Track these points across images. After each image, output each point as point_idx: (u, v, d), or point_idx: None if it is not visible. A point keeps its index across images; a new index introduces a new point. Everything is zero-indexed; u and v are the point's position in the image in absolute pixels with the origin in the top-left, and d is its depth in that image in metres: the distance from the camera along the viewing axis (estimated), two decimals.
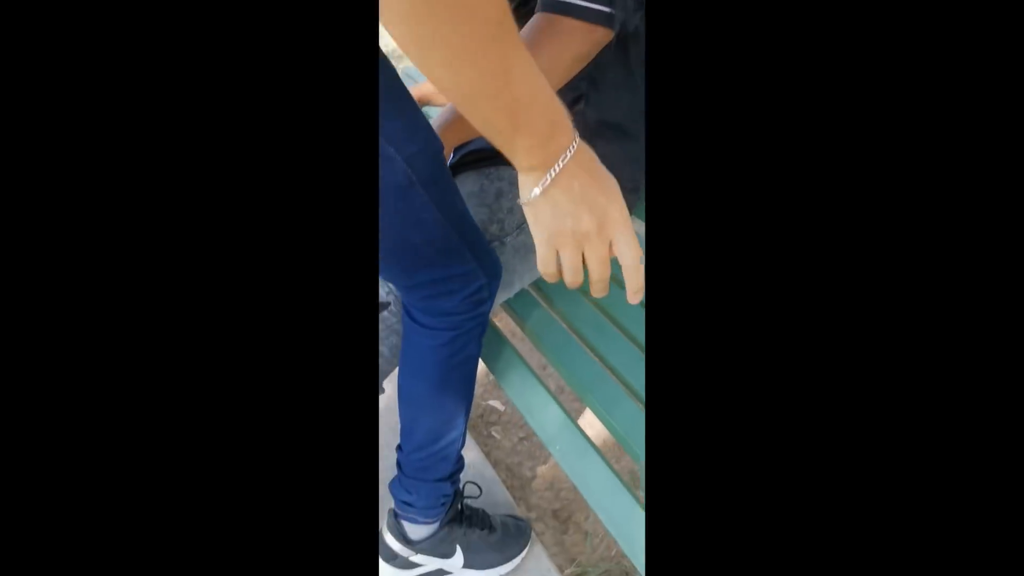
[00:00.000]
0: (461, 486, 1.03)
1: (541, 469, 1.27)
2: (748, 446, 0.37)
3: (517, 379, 0.94)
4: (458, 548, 0.99)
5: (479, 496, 1.08)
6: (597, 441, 0.89)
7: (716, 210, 0.38)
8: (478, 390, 1.43)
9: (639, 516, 0.79)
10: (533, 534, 1.08)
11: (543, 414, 0.88)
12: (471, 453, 1.23)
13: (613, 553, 1.12)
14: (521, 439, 1.33)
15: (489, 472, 1.20)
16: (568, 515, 1.19)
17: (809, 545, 0.36)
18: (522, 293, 1.03)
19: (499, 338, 1.01)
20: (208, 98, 0.36)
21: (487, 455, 1.25)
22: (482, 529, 1.01)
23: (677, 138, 0.38)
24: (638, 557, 0.76)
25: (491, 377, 1.45)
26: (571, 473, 0.84)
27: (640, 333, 0.96)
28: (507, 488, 1.18)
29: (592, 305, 1.01)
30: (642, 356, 0.92)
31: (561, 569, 1.07)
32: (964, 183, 0.35)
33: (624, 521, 0.79)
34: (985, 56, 0.34)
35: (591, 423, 1.39)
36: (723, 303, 0.38)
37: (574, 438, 0.84)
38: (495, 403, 1.40)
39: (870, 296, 0.36)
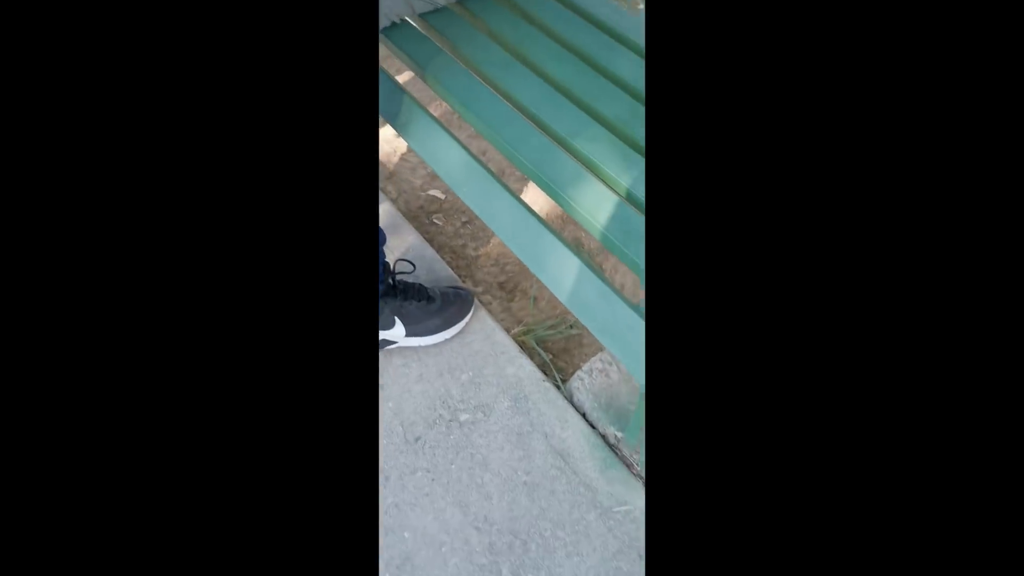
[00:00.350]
0: (391, 263, 1.02)
1: (485, 248, 1.26)
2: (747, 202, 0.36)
3: (418, 127, 0.88)
4: (396, 320, 1.01)
5: (413, 271, 1.07)
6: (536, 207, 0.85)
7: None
8: (416, 181, 1.37)
9: (548, 243, 0.77)
10: (478, 301, 1.10)
11: (447, 158, 0.83)
12: (410, 238, 1.21)
13: (558, 311, 1.15)
14: (464, 223, 1.30)
15: (429, 252, 1.19)
16: (514, 285, 1.21)
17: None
18: (421, 40, 0.92)
19: (397, 89, 0.92)
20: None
21: (430, 241, 1.23)
22: (419, 300, 1.01)
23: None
24: (563, 294, 0.76)
25: (429, 168, 1.39)
26: (480, 212, 0.81)
27: (551, 70, 0.87)
28: (453, 268, 1.18)
29: (500, 47, 0.91)
30: (553, 92, 0.85)
31: (508, 330, 1.10)
32: (963, 183, 0.35)
33: (526, 243, 0.77)
34: (985, 56, 0.34)
35: (534, 200, 1.35)
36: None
37: (480, 176, 0.80)
38: (435, 192, 1.35)
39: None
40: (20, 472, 0.35)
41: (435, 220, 1.31)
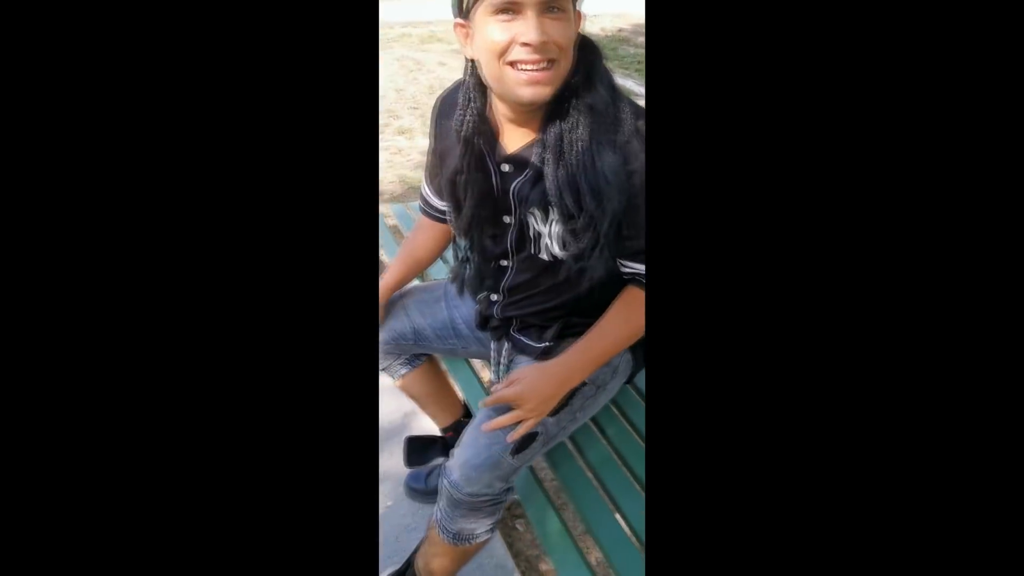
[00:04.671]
0: None
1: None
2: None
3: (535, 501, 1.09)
4: None
5: None
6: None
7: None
8: None
9: None
10: None
11: (547, 525, 1.01)
12: (494, 544, 1.33)
13: None
14: None
15: (510, 564, 1.30)
16: None
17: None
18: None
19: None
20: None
21: (510, 546, 1.35)
22: None
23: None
24: None
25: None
26: None
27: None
28: None
29: (607, 446, 1.14)
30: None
31: None
32: (959, 184, 0.33)
33: None
34: (985, 56, 0.32)
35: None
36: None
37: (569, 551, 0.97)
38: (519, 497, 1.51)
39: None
40: (20, 472, 0.33)
41: (517, 525, 1.45)
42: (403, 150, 3.52)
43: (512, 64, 0.78)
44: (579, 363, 0.94)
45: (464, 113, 0.90)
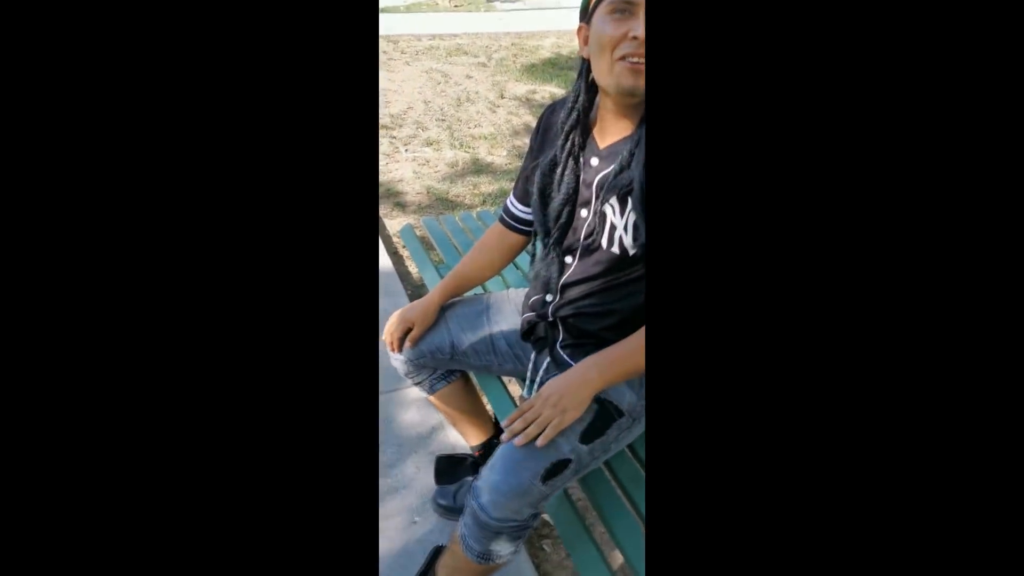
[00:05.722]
0: None
1: None
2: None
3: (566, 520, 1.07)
4: None
5: None
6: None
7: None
8: None
9: None
10: None
11: (577, 543, 1.00)
12: (522, 565, 1.31)
13: None
14: (568, 555, 1.40)
15: None
16: None
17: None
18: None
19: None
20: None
21: (537, 567, 1.33)
22: None
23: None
24: None
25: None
26: None
27: None
28: None
29: (637, 464, 1.12)
30: None
31: None
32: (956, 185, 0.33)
33: None
34: (984, 57, 0.32)
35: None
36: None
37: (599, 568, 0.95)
38: (548, 517, 1.49)
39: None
40: (20, 472, 0.33)
41: (544, 545, 1.43)
42: (430, 161, 3.54)
43: (622, 58, 0.85)
44: (594, 363, 0.95)
45: (572, 108, 0.99)
